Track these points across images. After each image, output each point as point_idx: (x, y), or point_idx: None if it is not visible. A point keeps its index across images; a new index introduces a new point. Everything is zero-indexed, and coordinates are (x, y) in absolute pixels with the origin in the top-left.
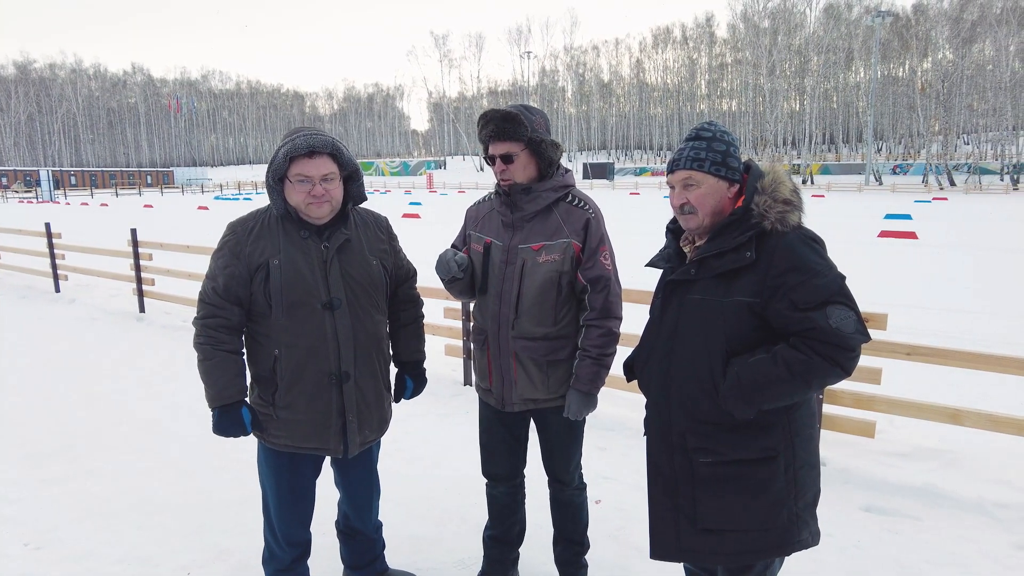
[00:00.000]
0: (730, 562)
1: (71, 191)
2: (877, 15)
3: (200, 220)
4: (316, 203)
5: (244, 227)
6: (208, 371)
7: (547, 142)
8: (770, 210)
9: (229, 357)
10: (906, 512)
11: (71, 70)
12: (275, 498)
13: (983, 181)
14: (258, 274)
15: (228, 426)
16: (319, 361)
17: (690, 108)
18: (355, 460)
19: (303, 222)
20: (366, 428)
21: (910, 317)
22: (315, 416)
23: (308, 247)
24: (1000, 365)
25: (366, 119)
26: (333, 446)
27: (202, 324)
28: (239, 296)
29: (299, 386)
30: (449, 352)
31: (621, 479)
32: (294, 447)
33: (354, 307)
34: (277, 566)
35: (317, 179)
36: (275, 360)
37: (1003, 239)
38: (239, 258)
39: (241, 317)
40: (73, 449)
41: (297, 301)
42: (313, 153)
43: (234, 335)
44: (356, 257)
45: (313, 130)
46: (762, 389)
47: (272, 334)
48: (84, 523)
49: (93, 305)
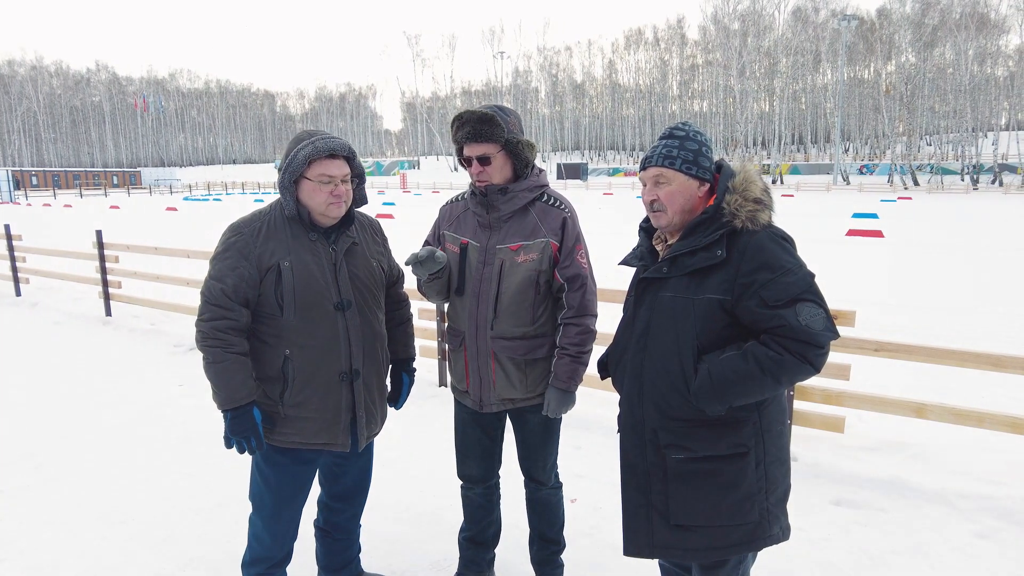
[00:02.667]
0: (703, 558)
1: (32, 192)
2: (843, 18)
3: (169, 221)
4: (337, 203)
5: (251, 228)
6: (219, 373)
7: (523, 142)
8: (741, 209)
9: (239, 359)
10: (873, 505)
11: (31, 67)
12: (274, 498)
13: (945, 181)
14: (269, 275)
15: (240, 428)
16: (332, 360)
17: (662, 109)
18: (356, 456)
19: (312, 224)
20: (372, 423)
21: (877, 314)
22: (326, 414)
23: (317, 249)
24: (960, 359)
25: (338, 119)
26: (341, 441)
27: (210, 326)
28: (248, 297)
29: (312, 385)
30: (423, 353)
31: (596, 477)
32: (303, 444)
33: (362, 307)
34: (268, 564)
35: (339, 179)
36: (285, 359)
37: (965, 237)
38: (248, 259)
39: (248, 318)
40: (34, 457)
41: (311, 302)
42: (333, 155)
43: (242, 337)
44: (360, 259)
45: (328, 134)
46: (732, 386)
47: (282, 334)
48: (46, 534)
49: (57, 309)
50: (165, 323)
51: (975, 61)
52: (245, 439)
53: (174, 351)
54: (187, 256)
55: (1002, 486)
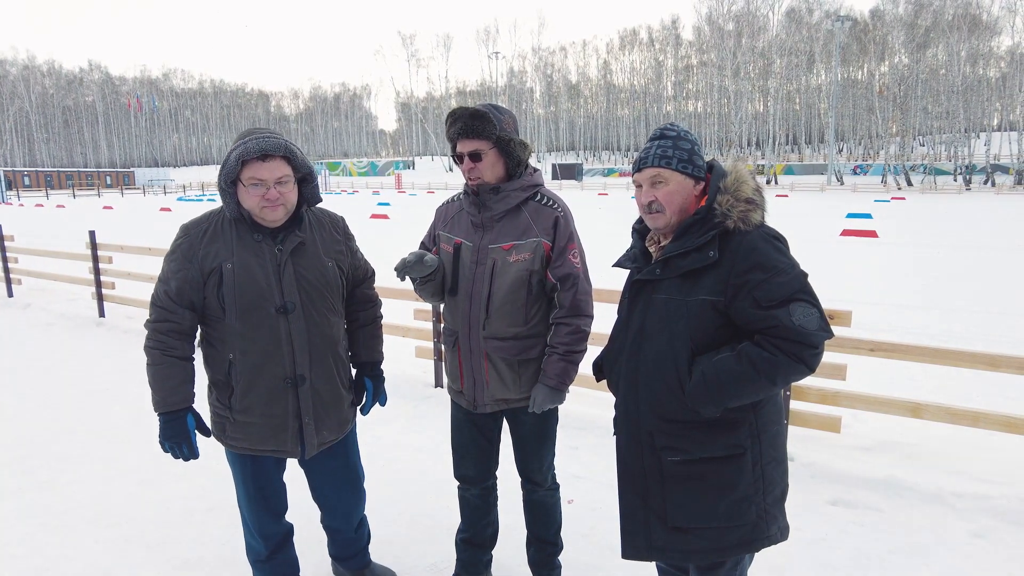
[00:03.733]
0: (701, 559)
1: (24, 192)
2: (837, 19)
3: (163, 222)
4: (270, 207)
5: (198, 229)
6: (155, 376)
7: (515, 141)
8: (733, 209)
9: (177, 363)
10: (870, 504)
11: (23, 67)
12: (244, 496)
13: (938, 181)
14: (211, 278)
15: (172, 434)
16: (274, 365)
17: (657, 109)
18: (320, 462)
19: (256, 225)
20: (323, 430)
21: (873, 314)
22: (271, 420)
23: (261, 250)
24: (956, 359)
25: (333, 119)
26: (290, 448)
27: (153, 328)
28: (192, 300)
29: (255, 390)
30: (419, 354)
31: (593, 478)
32: (252, 450)
33: (308, 310)
34: (255, 557)
35: (271, 182)
36: (230, 364)
37: (958, 237)
38: (192, 261)
39: (193, 321)
40: (27, 460)
41: (250, 305)
42: (266, 156)
43: (184, 340)
44: (310, 260)
45: (266, 132)
46: (727, 387)
47: (226, 338)
48: (38, 537)
49: (49, 310)
50: None
51: (967, 62)
52: (176, 445)
53: None
54: None
55: (998, 485)
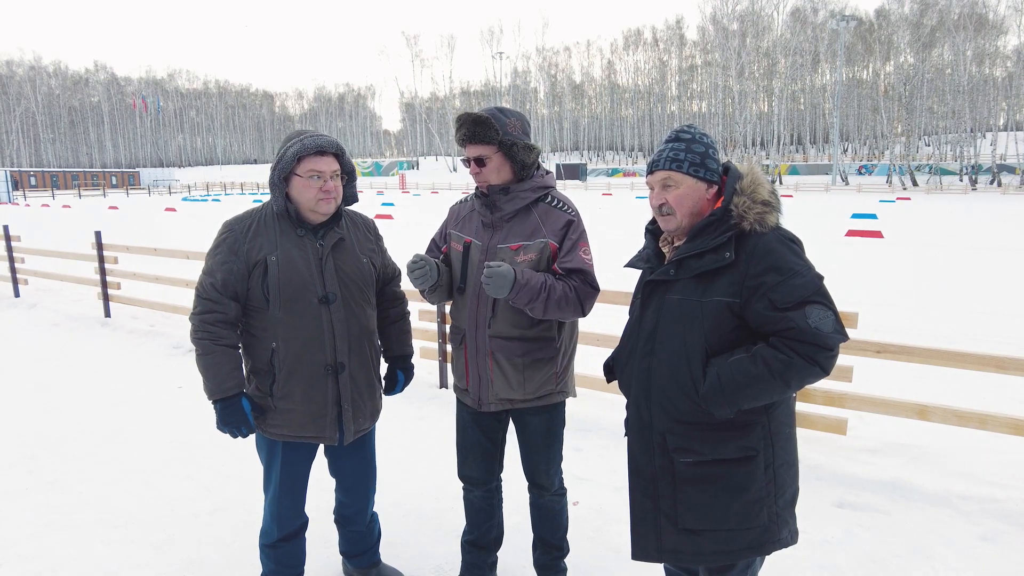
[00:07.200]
0: (711, 562)
1: (31, 192)
2: (842, 19)
3: (168, 222)
4: (326, 199)
5: (241, 225)
6: (207, 365)
7: (519, 145)
8: (749, 211)
9: (227, 351)
10: (876, 507)
11: (30, 67)
12: (272, 482)
13: (944, 181)
14: (256, 270)
15: (230, 418)
16: (315, 353)
17: (661, 109)
18: (349, 449)
19: (300, 220)
20: (360, 417)
21: (878, 315)
22: (312, 406)
23: (304, 244)
24: (962, 361)
25: (337, 119)
26: (329, 434)
27: (200, 319)
28: (236, 291)
29: (296, 377)
30: (424, 354)
31: (598, 480)
32: (291, 436)
33: (347, 301)
34: (266, 540)
35: (328, 175)
36: (272, 352)
37: (964, 237)
38: (237, 255)
39: (238, 311)
40: (34, 460)
41: (294, 296)
42: (323, 152)
43: (231, 329)
44: (348, 255)
45: (318, 132)
46: (742, 389)
47: (269, 327)
48: (45, 537)
49: (55, 310)
50: (164, 324)
51: (973, 62)
52: (235, 427)
53: (173, 352)
54: (186, 257)
55: (1005, 488)
